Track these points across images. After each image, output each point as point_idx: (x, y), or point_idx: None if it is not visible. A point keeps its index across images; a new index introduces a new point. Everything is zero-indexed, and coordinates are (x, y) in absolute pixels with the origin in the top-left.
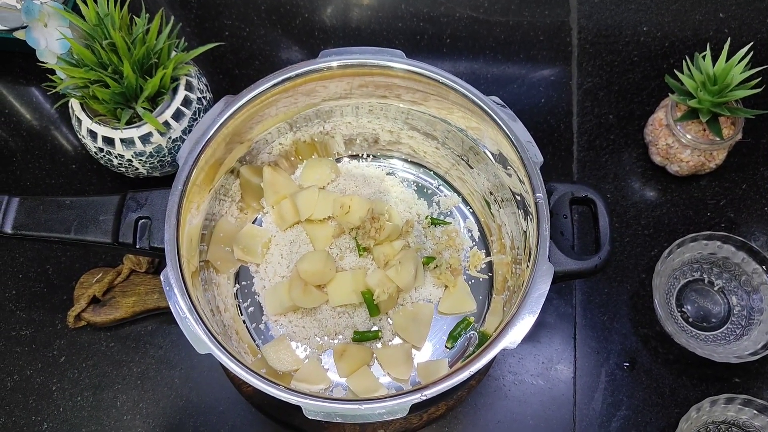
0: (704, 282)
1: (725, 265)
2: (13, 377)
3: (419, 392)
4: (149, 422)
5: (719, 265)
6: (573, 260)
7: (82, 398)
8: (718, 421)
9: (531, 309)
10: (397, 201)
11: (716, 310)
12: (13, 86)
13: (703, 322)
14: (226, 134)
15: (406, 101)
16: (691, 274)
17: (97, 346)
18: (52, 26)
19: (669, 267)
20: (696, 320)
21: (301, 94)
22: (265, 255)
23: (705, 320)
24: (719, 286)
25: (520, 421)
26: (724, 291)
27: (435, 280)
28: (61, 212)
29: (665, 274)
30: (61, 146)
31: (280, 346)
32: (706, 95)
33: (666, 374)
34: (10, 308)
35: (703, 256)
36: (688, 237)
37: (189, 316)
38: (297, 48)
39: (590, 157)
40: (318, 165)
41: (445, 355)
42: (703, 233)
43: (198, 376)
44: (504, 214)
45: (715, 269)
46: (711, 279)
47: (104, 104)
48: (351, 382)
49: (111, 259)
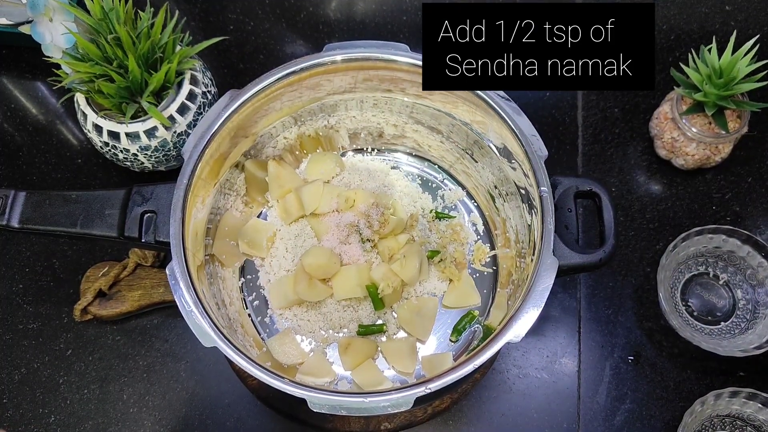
0: (709, 276)
1: (730, 259)
2: (20, 370)
3: (424, 385)
4: (155, 415)
5: (724, 258)
6: (577, 254)
7: (89, 391)
8: (722, 414)
9: (535, 302)
10: (402, 195)
11: (721, 303)
12: (18, 81)
13: (708, 316)
14: (231, 128)
15: (411, 95)
16: (696, 267)
17: (104, 339)
18: (57, 21)
19: (674, 261)
20: (701, 314)
21: (305, 88)
22: (270, 249)
23: (710, 314)
24: (724, 280)
25: (525, 414)
26: (729, 285)
27: (439, 274)
28: (67, 206)
29: (670, 267)
30: (67, 141)
31: (285, 339)
32: (711, 88)
33: (670, 368)
34: (17, 302)
35: (708, 250)
36: (693, 231)
37: (194, 309)
38: (301, 42)
39: (595, 151)
40: (322, 159)
41: (450, 348)
42: (708, 227)
43: (203, 369)
44: (508, 208)
45: (720, 263)
46: (716, 273)
47: (109, 99)
48: (356, 375)
49: (117, 253)
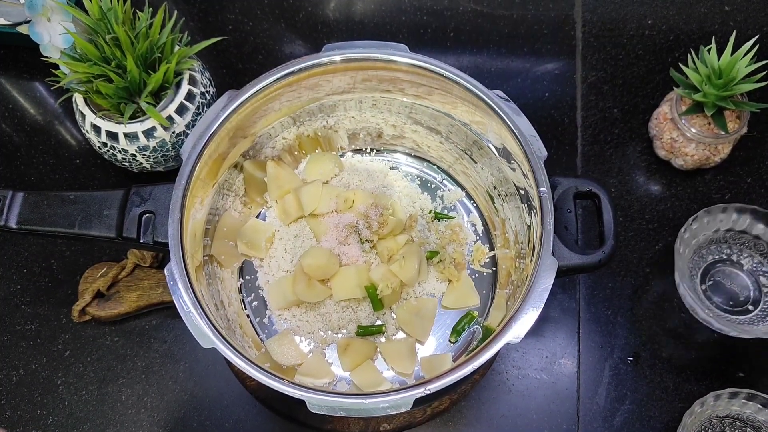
0: (732, 262)
1: (757, 246)
2: (18, 371)
3: (423, 386)
4: (154, 416)
5: (749, 245)
6: (577, 255)
7: (87, 392)
8: (722, 415)
9: (535, 303)
10: (401, 195)
11: (745, 292)
12: (16, 81)
13: (732, 304)
14: (230, 129)
15: (410, 95)
16: (718, 253)
17: (102, 340)
18: (55, 21)
19: (692, 244)
20: (722, 303)
21: (304, 89)
22: (269, 249)
23: (733, 302)
24: (748, 267)
25: (524, 415)
26: (754, 272)
27: (439, 275)
28: (65, 207)
29: (689, 250)
30: (65, 141)
31: (284, 340)
32: (711, 89)
33: (670, 369)
34: (15, 303)
35: (732, 236)
36: (717, 206)
37: (193, 310)
38: (300, 42)
39: (594, 151)
40: (321, 159)
41: (449, 349)
42: (734, 204)
43: (202, 370)
44: (508, 209)
45: (746, 250)
46: (739, 260)
47: (108, 99)
48: (355, 376)
49: (115, 254)
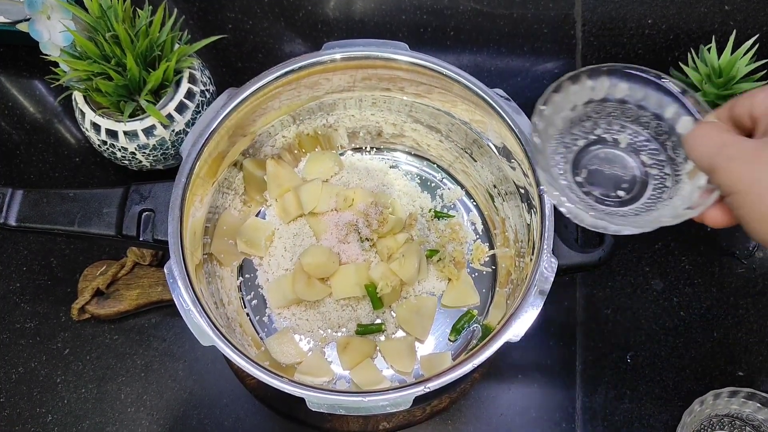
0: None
1: (625, 113)
2: (17, 369)
3: (422, 385)
4: (153, 414)
5: (617, 115)
6: (576, 253)
7: (87, 390)
8: (721, 414)
9: (534, 302)
10: (401, 194)
11: (629, 175)
12: (16, 79)
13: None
14: (230, 127)
15: (410, 94)
16: (585, 135)
17: (101, 338)
18: (55, 19)
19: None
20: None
21: (304, 87)
22: (269, 248)
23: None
24: (626, 143)
25: (523, 414)
26: (634, 148)
27: (438, 273)
28: (64, 205)
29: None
30: (65, 139)
31: (284, 338)
32: (711, 88)
33: (669, 367)
34: (15, 301)
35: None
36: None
37: (192, 308)
38: (300, 40)
39: None
40: (321, 158)
41: (449, 347)
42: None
43: (202, 369)
44: (508, 207)
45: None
46: (614, 137)
47: (107, 97)
48: (354, 374)
49: (115, 252)
